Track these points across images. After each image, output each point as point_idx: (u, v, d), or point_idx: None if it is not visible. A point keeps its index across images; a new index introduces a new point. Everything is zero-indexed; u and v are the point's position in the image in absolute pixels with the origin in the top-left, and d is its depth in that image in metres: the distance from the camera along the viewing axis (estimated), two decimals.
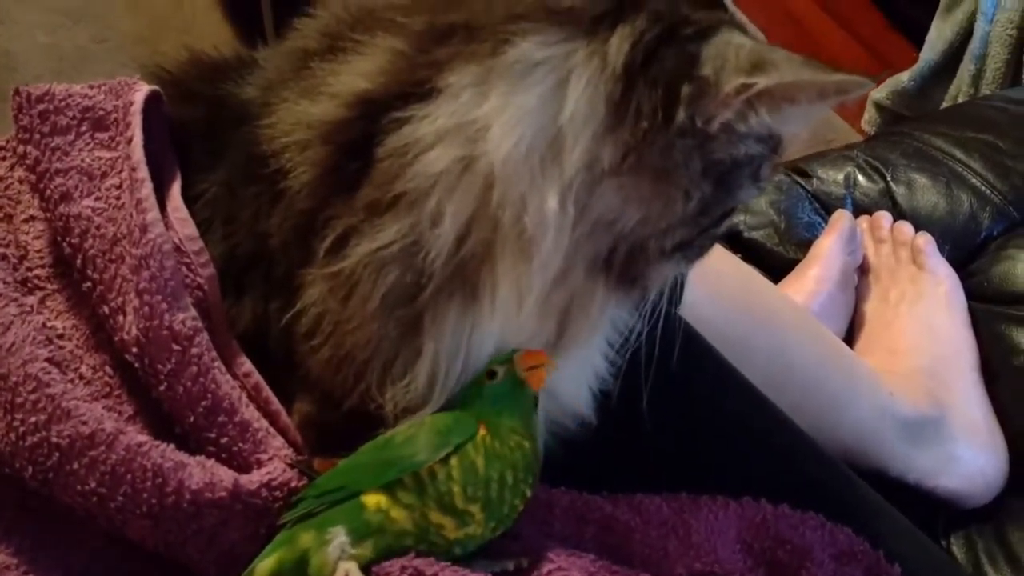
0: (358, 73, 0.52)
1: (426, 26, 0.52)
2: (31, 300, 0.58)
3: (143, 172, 0.57)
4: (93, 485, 0.51)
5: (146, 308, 0.54)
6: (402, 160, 0.50)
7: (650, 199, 0.50)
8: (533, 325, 0.53)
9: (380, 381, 0.53)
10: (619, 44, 0.49)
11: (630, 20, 0.49)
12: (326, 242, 0.52)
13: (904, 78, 1.68)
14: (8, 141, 0.65)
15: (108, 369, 0.57)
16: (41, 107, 0.60)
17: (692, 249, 0.55)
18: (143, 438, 0.52)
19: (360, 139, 0.51)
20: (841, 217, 1.07)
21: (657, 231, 0.51)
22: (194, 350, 0.54)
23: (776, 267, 1.09)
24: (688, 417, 0.67)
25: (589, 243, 0.51)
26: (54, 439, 0.51)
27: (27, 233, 0.61)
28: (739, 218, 1.12)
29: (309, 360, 0.55)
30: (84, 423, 0.51)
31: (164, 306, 0.54)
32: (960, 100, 1.56)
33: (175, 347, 0.54)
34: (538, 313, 0.53)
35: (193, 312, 0.55)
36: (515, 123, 0.48)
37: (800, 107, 0.49)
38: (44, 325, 0.57)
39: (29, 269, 0.60)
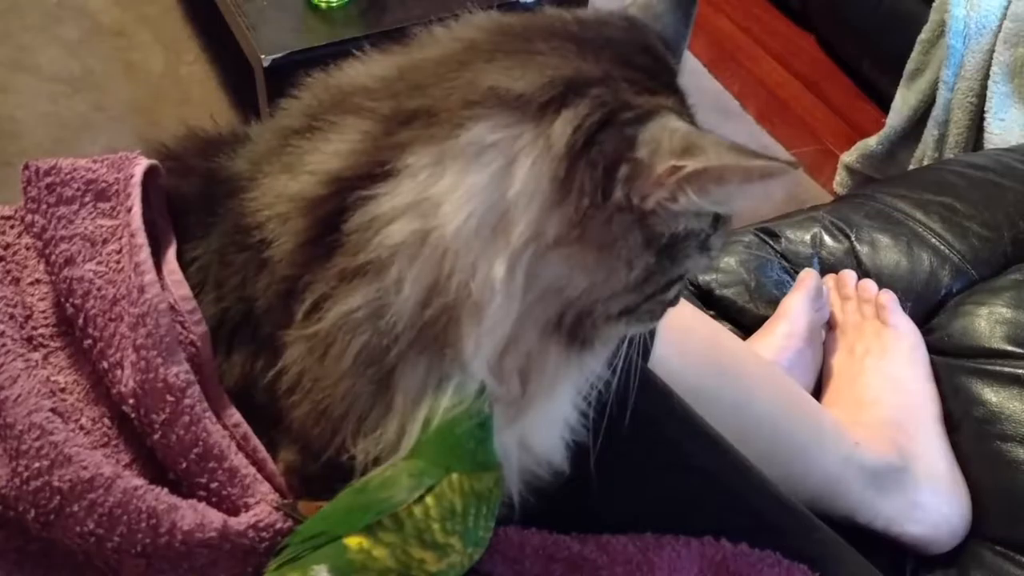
0: (331, 152, 0.57)
1: (392, 111, 0.57)
2: (36, 356, 0.62)
3: (141, 238, 0.61)
4: (91, 526, 0.55)
5: (143, 362, 0.58)
6: (367, 233, 0.54)
7: (594, 268, 0.54)
8: (495, 384, 0.56)
9: (354, 434, 0.57)
10: (563, 127, 0.53)
11: (573, 105, 0.54)
12: (304, 305, 0.56)
13: (872, 142, 1.74)
14: (16, 211, 0.69)
15: (106, 420, 0.61)
16: (48, 180, 0.64)
17: (640, 313, 0.58)
18: (139, 482, 0.56)
19: (333, 214, 0.55)
20: (808, 275, 1.12)
21: (602, 297, 0.55)
22: (187, 401, 0.58)
23: (746, 324, 1.14)
24: (653, 462, 0.71)
25: (539, 308, 0.55)
26: (56, 483, 0.55)
27: (32, 295, 0.65)
28: (711, 276, 1.17)
29: (291, 414, 0.58)
30: (84, 468, 0.55)
31: (159, 360, 0.58)
32: (925, 163, 1.62)
33: (169, 398, 0.58)
34: (498, 372, 0.56)
35: (187, 366, 0.59)
36: (467, 199, 0.53)
37: (728, 188, 0.52)
38: (48, 379, 0.61)
39: (34, 328, 0.64)
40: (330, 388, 0.56)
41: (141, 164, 0.65)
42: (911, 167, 1.68)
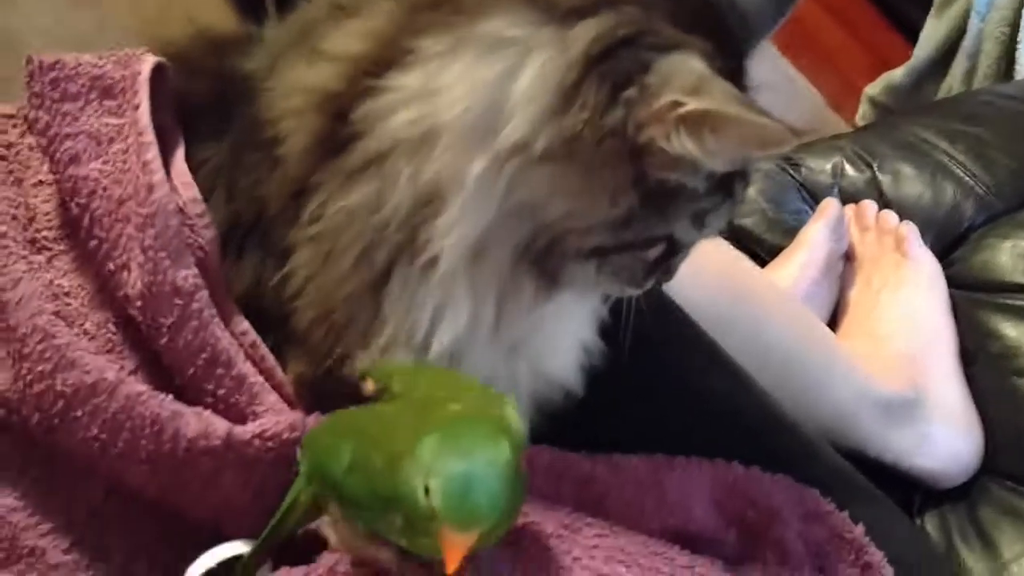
0: (353, 33, 0.55)
1: None
2: (39, 259, 0.61)
3: (149, 136, 0.59)
4: (95, 432, 0.54)
5: (150, 264, 0.56)
6: (372, 124, 0.53)
7: (576, 194, 0.52)
8: (469, 304, 0.55)
9: (355, 343, 0.56)
10: (584, 33, 0.51)
11: (602, 15, 0.51)
12: (312, 206, 0.55)
13: (898, 74, 1.70)
14: (19, 109, 0.67)
15: (111, 326, 0.60)
16: (52, 75, 0.62)
17: (613, 263, 0.55)
18: (142, 388, 0.55)
19: (346, 107, 0.54)
20: (829, 205, 1.09)
21: (577, 228, 0.53)
22: (195, 305, 0.57)
23: (764, 254, 1.11)
24: (667, 385, 0.70)
25: (512, 224, 0.53)
26: (59, 387, 0.54)
27: (36, 197, 0.64)
28: None
29: (297, 320, 0.57)
30: (88, 373, 0.54)
31: (167, 262, 0.56)
32: None
33: (177, 301, 0.56)
34: (470, 289, 0.54)
35: (195, 270, 0.58)
36: (469, 92, 0.51)
37: (723, 140, 0.48)
38: (51, 282, 0.60)
39: (37, 231, 0.63)
40: (332, 292, 0.55)
41: (148, 61, 0.63)
42: None
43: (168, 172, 0.61)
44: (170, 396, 0.55)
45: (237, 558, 0.54)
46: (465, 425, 0.47)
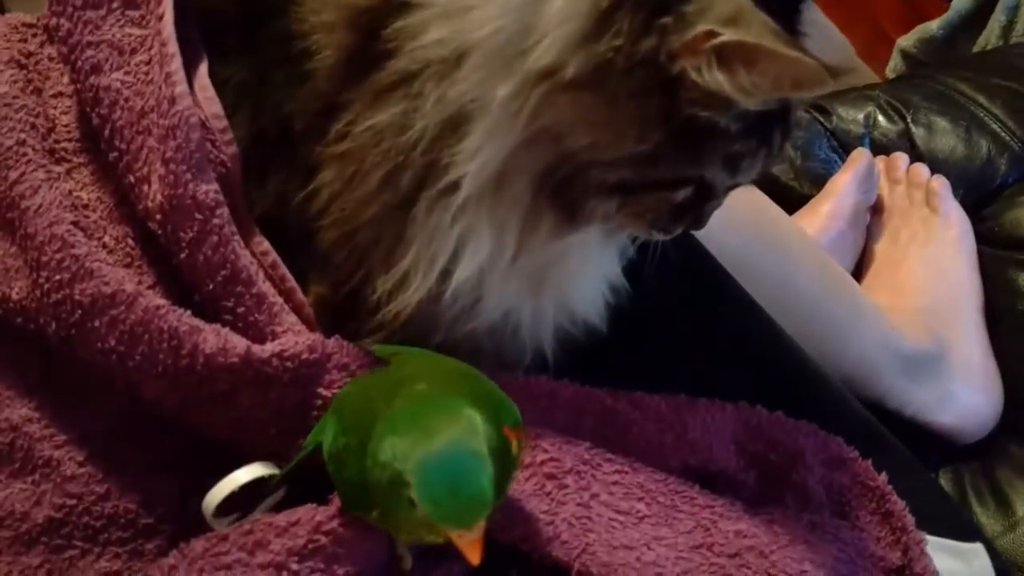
0: None
1: None
2: (59, 169, 0.60)
3: (173, 47, 0.58)
4: (112, 343, 0.53)
5: (171, 176, 0.55)
6: (402, 42, 0.51)
7: (603, 125, 0.49)
8: (490, 233, 0.53)
9: (379, 265, 0.55)
10: None
11: None
12: (339, 124, 0.53)
13: (933, 27, 1.66)
14: (39, 19, 0.66)
15: (130, 241, 0.59)
16: None
17: (637, 203, 0.53)
18: (161, 301, 0.54)
19: (378, 24, 0.52)
20: (860, 155, 1.08)
21: (601, 161, 0.51)
22: (215, 220, 0.55)
23: (790, 202, 1.09)
24: (692, 327, 0.69)
25: (535, 151, 0.51)
26: (77, 296, 0.53)
27: (55, 108, 0.62)
28: None
29: (320, 240, 0.56)
30: (106, 283, 0.53)
31: (188, 176, 0.55)
32: None
33: (198, 216, 0.55)
34: (492, 218, 0.53)
35: (216, 186, 0.56)
36: (502, 12, 0.49)
37: (756, 75, 0.46)
38: (71, 193, 0.59)
39: (56, 141, 0.61)
40: (356, 212, 0.54)
41: None
42: None
43: (191, 86, 0.59)
44: (188, 312, 0.54)
45: (260, 480, 0.53)
46: (425, 403, 0.45)
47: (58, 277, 0.53)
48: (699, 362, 0.68)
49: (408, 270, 0.54)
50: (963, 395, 0.94)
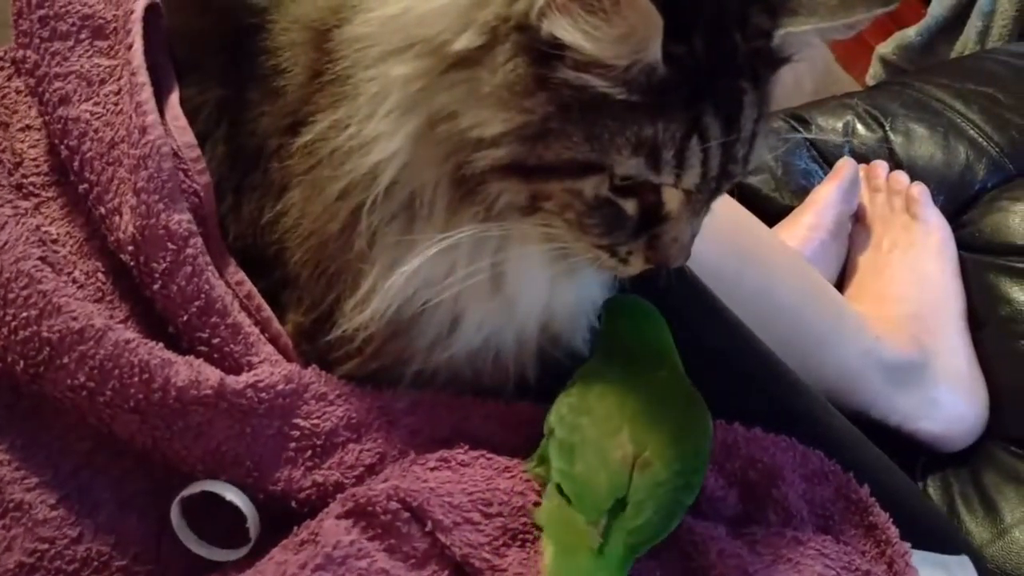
0: None
1: None
2: (26, 204, 0.59)
3: (143, 77, 0.58)
4: (82, 379, 0.52)
5: (143, 207, 0.55)
6: (347, 49, 0.51)
7: (487, 97, 0.47)
8: (425, 238, 0.52)
9: (346, 288, 0.55)
10: None
11: None
12: (303, 139, 0.53)
13: (911, 33, 1.67)
14: (6, 52, 0.65)
15: (100, 275, 0.59)
16: (41, 12, 0.60)
17: (543, 190, 0.49)
18: (131, 335, 0.53)
19: (327, 34, 0.52)
20: (845, 165, 1.07)
21: (492, 137, 0.48)
22: (189, 250, 0.55)
23: (771, 213, 1.09)
24: (675, 343, 0.68)
25: (438, 139, 0.49)
26: (45, 333, 0.52)
27: (23, 142, 0.62)
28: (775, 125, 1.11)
29: (291, 263, 0.56)
30: (74, 319, 0.53)
31: (161, 206, 0.55)
32: None
33: (170, 246, 0.55)
34: (407, 213, 0.52)
35: (188, 215, 0.56)
36: None
37: (593, 21, 0.44)
38: (38, 228, 0.58)
39: (24, 176, 0.61)
40: (320, 230, 0.53)
41: (141, 0, 0.61)
42: None
43: (162, 115, 0.59)
44: (160, 344, 0.54)
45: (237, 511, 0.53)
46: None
47: (25, 314, 0.53)
48: None
49: (371, 289, 0.54)
50: (948, 402, 0.94)
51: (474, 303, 0.55)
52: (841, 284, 1.05)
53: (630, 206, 0.50)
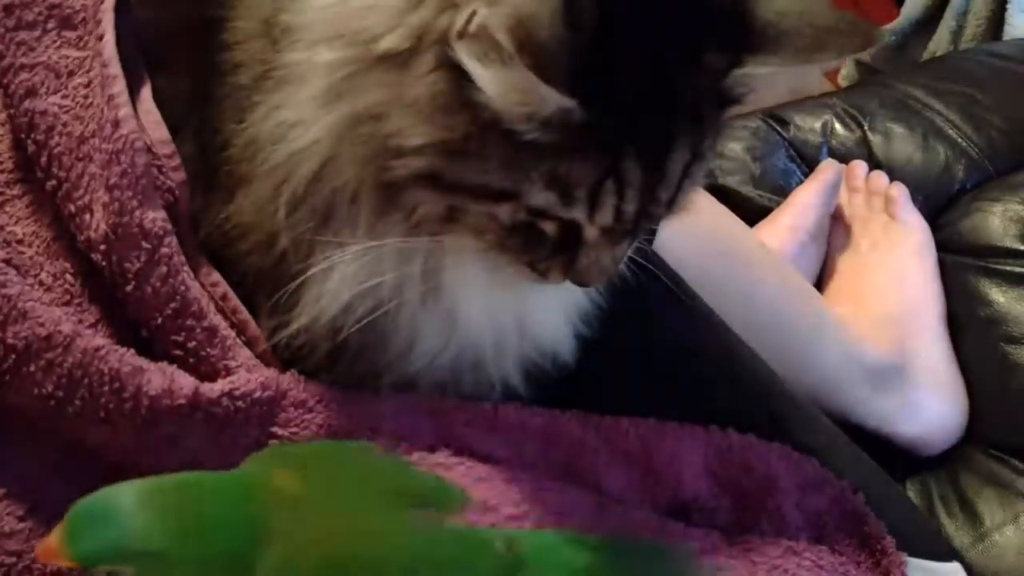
0: None
1: None
2: None
3: (115, 69, 0.55)
4: (50, 388, 0.50)
5: (116, 204, 0.52)
6: (286, 39, 0.50)
7: (410, 106, 0.46)
8: (360, 245, 0.50)
9: (302, 293, 0.53)
10: None
11: None
12: (247, 130, 0.52)
13: (884, 34, 1.67)
14: None
15: (69, 276, 0.56)
16: (6, 1, 0.57)
17: (460, 207, 0.48)
18: (101, 342, 0.51)
19: (273, 23, 0.51)
20: (829, 167, 1.06)
21: (411, 146, 0.46)
22: (164, 250, 0.53)
23: (749, 213, 1.08)
24: (659, 349, 0.67)
25: (360, 138, 0.48)
26: (10, 340, 0.50)
27: None
28: (714, 163, 1.11)
29: (247, 266, 0.55)
30: (41, 324, 0.50)
31: (135, 203, 0.52)
32: None
33: (145, 245, 0.52)
34: (325, 207, 0.51)
35: (163, 213, 0.54)
36: None
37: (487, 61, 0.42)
38: (2, 228, 0.56)
39: None
40: (258, 224, 0.52)
41: None
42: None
43: (135, 110, 0.56)
44: (132, 351, 0.51)
45: None
46: None
47: None
48: (668, 384, 0.66)
49: (303, 296, 0.52)
50: (927, 405, 0.93)
51: (419, 314, 0.54)
52: (820, 285, 1.05)
53: (549, 227, 0.48)
